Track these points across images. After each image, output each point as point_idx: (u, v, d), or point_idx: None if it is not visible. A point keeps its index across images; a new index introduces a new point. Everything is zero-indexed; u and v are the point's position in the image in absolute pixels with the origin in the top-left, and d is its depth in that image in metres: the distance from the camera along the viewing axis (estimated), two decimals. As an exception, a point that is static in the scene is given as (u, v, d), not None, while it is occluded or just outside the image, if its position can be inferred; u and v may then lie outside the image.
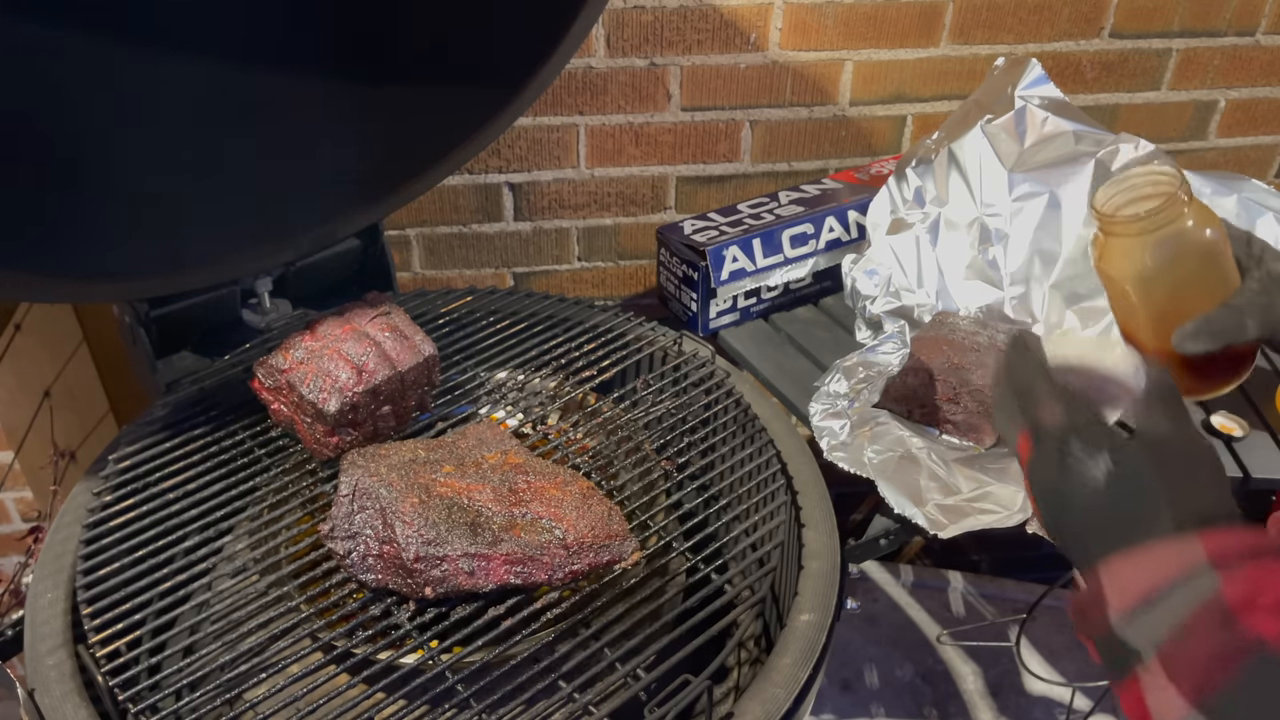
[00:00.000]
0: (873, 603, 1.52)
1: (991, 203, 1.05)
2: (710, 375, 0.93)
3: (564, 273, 1.37)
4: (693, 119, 1.26)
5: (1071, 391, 0.58)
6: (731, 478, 0.82)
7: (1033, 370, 0.59)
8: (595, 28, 1.18)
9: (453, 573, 0.68)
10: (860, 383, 0.89)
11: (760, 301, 1.11)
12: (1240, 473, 0.91)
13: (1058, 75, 1.22)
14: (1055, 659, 1.44)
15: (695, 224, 1.09)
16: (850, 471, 0.83)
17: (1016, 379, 0.60)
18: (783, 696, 0.68)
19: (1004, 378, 0.61)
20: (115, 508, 0.77)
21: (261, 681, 0.65)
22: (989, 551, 1.75)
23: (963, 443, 0.93)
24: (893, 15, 1.23)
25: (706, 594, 0.72)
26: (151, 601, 0.71)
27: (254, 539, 0.76)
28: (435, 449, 0.77)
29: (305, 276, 0.99)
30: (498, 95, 0.93)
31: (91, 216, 0.79)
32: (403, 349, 0.82)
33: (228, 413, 0.86)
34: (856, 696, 1.40)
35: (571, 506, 0.72)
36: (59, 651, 0.70)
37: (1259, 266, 0.70)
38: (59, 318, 1.19)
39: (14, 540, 1.64)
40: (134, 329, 0.91)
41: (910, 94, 1.30)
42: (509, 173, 1.27)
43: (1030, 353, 0.61)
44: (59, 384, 1.28)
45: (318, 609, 0.71)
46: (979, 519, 0.79)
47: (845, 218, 1.11)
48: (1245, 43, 1.33)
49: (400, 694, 0.66)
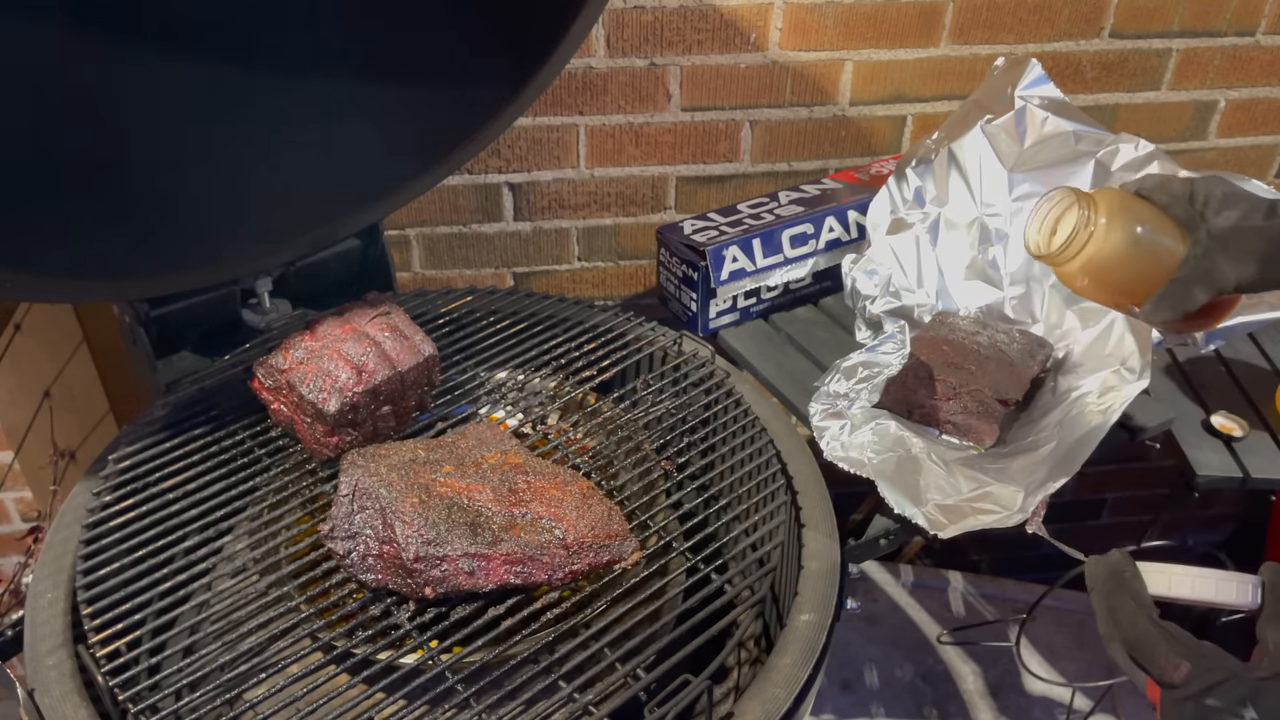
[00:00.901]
0: (873, 603, 1.52)
1: (991, 203, 1.05)
2: (710, 375, 0.93)
3: (564, 273, 1.37)
4: (693, 119, 1.26)
5: (1195, 648, 0.55)
6: (731, 478, 0.82)
7: (1143, 623, 0.57)
8: (595, 28, 1.18)
9: (453, 573, 0.68)
10: (860, 383, 0.89)
11: (760, 301, 1.11)
12: (1240, 473, 0.91)
13: (1058, 75, 1.22)
14: (1055, 659, 1.44)
15: (695, 224, 1.09)
16: (850, 471, 0.83)
17: (1126, 631, 0.57)
18: (783, 696, 0.68)
19: (1110, 624, 0.58)
20: (115, 508, 0.77)
21: (261, 681, 0.65)
22: (989, 551, 1.75)
23: (963, 443, 0.93)
24: (893, 15, 1.23)
25: (706, 594, 0.72)
26: (151, 601, 0.71)
27: (254, 539, 0.76)
28: (435, 449, 0.77)
29: (305, 276, 0.99)
30: (498, 95, 0.93)
31: (92, 217, 0.79)
32: (403, 349, 0.82)
33: (228, 413, 0.86)
34: (856, 696, 1.40)
35: (571, 506, 0.72)
36: (59, 651, 0.70)
37: (1203, 223, 0.70)
38: (59, 318, 1.19)
39: (14, 540, 1.64)
40: (134, 329, 0.91)
41: (910, 94, 1.30)
42: (509, 173, 1.27)
43: (1131, 595, 0.58)
44: (59, 384, 1.28)
45: (318, 609, 0.71)
46: (979, 519, 0.79)
47: (845, 218, 1.11)
48: (1245, 43, 1.33)
49: (400, 694, 0.66)
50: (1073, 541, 0.82)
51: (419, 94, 0.92)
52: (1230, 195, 0.71)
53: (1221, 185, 0.72)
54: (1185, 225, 0.71)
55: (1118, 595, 0.59)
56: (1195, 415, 0.98)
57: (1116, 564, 0.61)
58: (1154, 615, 0.58)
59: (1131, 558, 0.63)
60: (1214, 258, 0.69)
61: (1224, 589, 0.63)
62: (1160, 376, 1.04)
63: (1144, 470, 1.74)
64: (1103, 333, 0.94)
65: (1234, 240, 0.69)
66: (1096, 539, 1.84)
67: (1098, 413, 0.85)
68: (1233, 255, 0.69)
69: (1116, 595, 0.59)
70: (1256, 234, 0.69)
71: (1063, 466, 0.81)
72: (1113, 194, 0.75)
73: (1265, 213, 0.69)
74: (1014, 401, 0.92)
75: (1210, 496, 1.77)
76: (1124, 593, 0.59)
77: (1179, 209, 0.72)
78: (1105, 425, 0.83)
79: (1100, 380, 0.89)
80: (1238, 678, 0.54)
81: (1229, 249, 0.69)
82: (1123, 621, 0.58)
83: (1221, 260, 0.69)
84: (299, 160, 0.89)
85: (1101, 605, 0.60)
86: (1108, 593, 0.59)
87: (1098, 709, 1.33)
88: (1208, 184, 0.72)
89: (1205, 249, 0.70)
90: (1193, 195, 0.72)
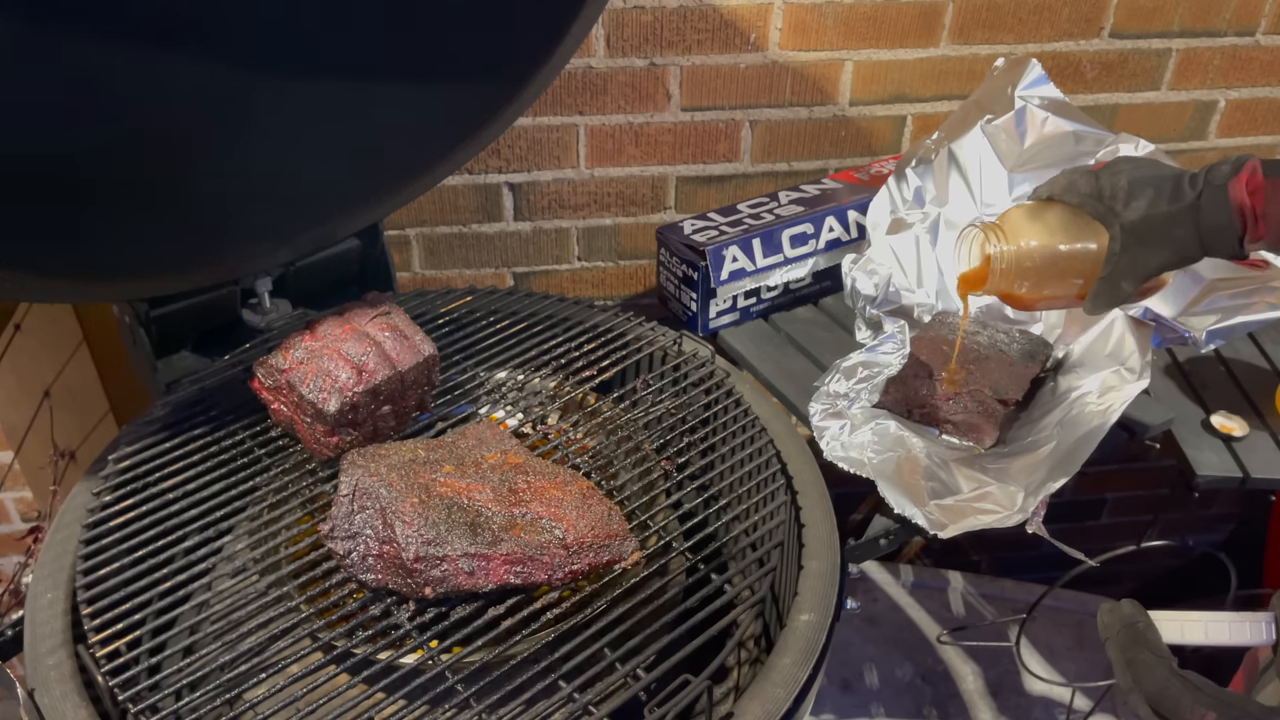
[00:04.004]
0: (873, 603, 1.51)
1: (992, 203, 1.05)
2: (710, 375, 0.93)
3: (564, 273, 1.37)
4: (692, 119, 1.26)
5: (1218, 696, 0.55)
6: (731, 478, 0.82)
7: (1164, 676, 0.56)
8: (595, 28, 1.18)
9: (453, 572, 0.68)
10: (860, 383, 0.89)
11: (760, 301, 1.11)
12: (1240, 473, 0.91)
13: (1058, 75, 1.22)
14: (1055, 659, 1.44)
15: (695, 224, 1.09)
16: (850, 471, 0.83)
17: (1148, 685, 0.57)
18: (783, 696, 0.68)
19: (1128, 677, 0.58)
20: (115, 508, 0.77)
21: (261, 681, 0.65)
22: (989, 551, 1.75)
23: (963, 443, 0.93)
24: (893, 15, 1.23)
25: (706, 594, 0.72)
26: (151, 601, 0.71)
27: (254, 539, 0.76)
28: (435, 449, 0.77)
29: (305, 276, 0.99)
30: (498, 95, 0.93)
31: (91, 217, 0.79)
32: (403, 349, 0.82)
33: (228, 413, 0.86)
34: (856, 696, 1.40)
35: (571, 506, 0.72)
36: (59, 651, 0.70)
37: (1116, 219, 0.73)
38: (59, 318, 1.19)
39: (14, 540, 1.64)
40: (134, 329, 0.91)
41: (910, 94, 1.30)
42: (509, 173, 1.27)
43: (1150, 649, 0.58)
44: (59, 384, 1.28)
45: (318, 609, 0.71)
46: (979, 519, 0.79)
47: (845, 218, 1.11)
48: (1245, 43, 1.33)
49: (400, 694, 0.66)
50: (1073, 541, 0.82)
51: (419, 94, 0.92)
52: (1136, 182, 0.73)
53: (1126, 173, 0.74)
54: (1101, 221, 0.75)
55: (1134, 648, 0.59)
56: (1195, 415, 0.98)
57: (1129, 615, 0.61)
58: (1174, 666, 0.58)
59: (1143, 608, 0.62)
60: (1132, 250, 0.72)
61: (1238, 631, 0.63)
62: (1160, 376, 1.04)
63: (1144, 470, 1.74)
64: (1103, 333, 0.94)
65: (1146, 230, 0.72)
66: (1096, 539, 1.84)
67: (1098, 413, 0.85)
68: (1149, 244, 0.72)
69: (1133, 649, 0.59)
70: (1166, 220, 0.71)
71: (1063, 467, 0.81)
72: (1017, 213, 0.81)
73: (1170, 196, 0.71)
74: (1014, 401, 0.93)
75: (1210, 496, 1.77)
76: (1140, 646, 0.59)
77: (1090, 206, 0.75)
78: (1105, 426, 0.83)
79: (1100, 380, 0.89)
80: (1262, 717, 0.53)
81: (1144, 239, 0.72)
82: (1143, 676, 0.57)
83: (1139, 252, 0.72)
84: (299, 160, 0.89)
85: (1119, 659, 0.59)
86: (1123, 646, 0.59)
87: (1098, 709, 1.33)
88: (1113, 175, 0.74)
89: (1122, 244, 0.73)
90: (1100, 193, 0.74)
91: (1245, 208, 0.68)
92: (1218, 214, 0.69)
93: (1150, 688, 0.57)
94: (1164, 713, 0.56)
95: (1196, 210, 0.69)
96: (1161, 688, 0.56)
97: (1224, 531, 1.82)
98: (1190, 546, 1.36)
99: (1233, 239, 0.70)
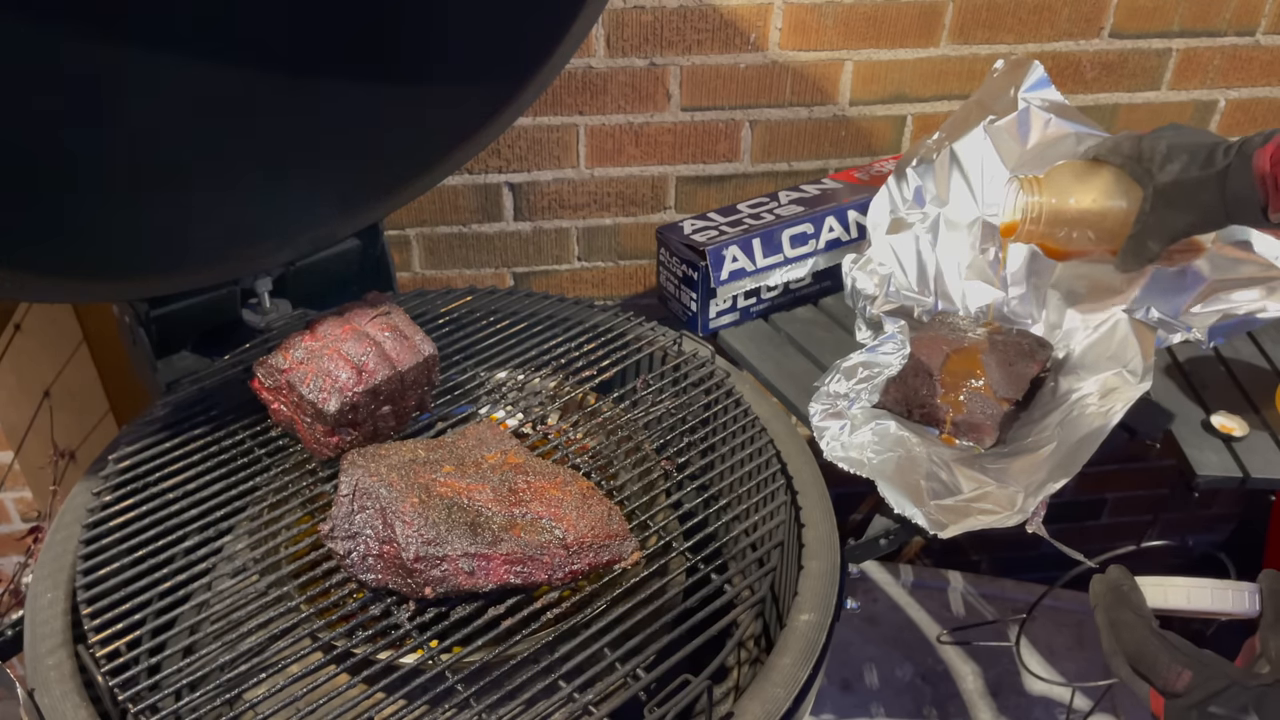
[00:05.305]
0: (873, 603, 1.52)
1: (993, 202, 1.05)
2: (710, 375, 0.93)
3: (564, 273, 1.37)
4: (692, 119, 1.26)
5: (1196, 656, 0.56)
6: (731, 478, 0.82)
7: (1143, 634, 0.57)
8: (595, 28, 1.18)
9: (453, 572, 0.68)
10: (860, 383, 0.89)
11: (760, 301, 1.11)
12: (1240, 473, 0.91)
13: (1058, 75, 1.22)
14: (1055, 659, 1.44)
15: (695, 224, 1.09)
16: (850, 471, 0.83)
17: (1128, 643, 0.57)
18: (783, 696, 0.68)
19: (1111, 638, 0.59)
20: (115, 508, 0.77)
21: (261, 681, 0.65)
22: (989, 551, 1.75)
23: (963, 443, 0.93)
24: (893, 15, 1.23)
25: (706, 594, 0.72)
26: (151, 601, 0.71)
27: (254, 539, 0.76)
28: (435, 449, 0.77)
29: (305, 276, 0.99)
30: (498, 95, 0.93)
31: (91, 216, 0.79)
32: (403, 349, 0.82)
33: (228, 413, 0.86)
34: (856, 696, 1.40)
35: (571, 506, 0.72)
36: (59, 651, 0.70)
37: (1151, 180, 0.76)
38: (59, 318, 1.19)
39: (14, 540, 1.64)
40: (134, 329, 0.91)
41: (910, 94, 1.30)
42: (509, 173, 1.27)
43: (1132, 609, 0.58)
44: (59, 384, 1.28)
45: (318, 609, 0.71)
46: (979, 519, 0.79)
47: (845, 218, 1.11)
48: (1245, 43, 1.33)
49: (400, 694, 0.66)
50: (1073, 541, 0.82)
51: (419, 94, 0.92)
52: (1174, 147, 0.77)
53: (1168, 138, 0.78)
54: (1139, 181, 0.78)
55: (1117, 609, 0.59)
56: (1195, 415, 0.98)
57: (1115, 579, 0.62)
58: (1153, 625, 0.58)
59: (1129, 572, 0.63)
60: (1160, 211, 0.76)
61: (1220, 598, 0.63)
62: (1160, 376, 1.04)
63: (1144, 470, 1.74)
64: (1104, 334, 0.94)
65: (1175, 193, 0.75)
66: (1096, 539, 1.84)
67: (1099, 414, 0.85)
68: (1177, 206, 0.75)
69: (1116, 609, 0.59)
70: (1195, 184, 0.74)
71: (1063, 468, 0.81)
72: (1060, 169, 0.86)
73: (1202, 162, 0.74)
74: (1014, 401, 0.93)
75: (1210, 496, 1.78)
76: (1123, 606, 0.59)
77: (1130, 168, 0.79)
78: (1106, 428, 0.83)
79: (1101, 382, 0.89)
80: (1240, 685, 0.54)
81: (1173, 202, 0.75)
82: (1123, 634, 0.58)
83: (1168, 213, 0.75)
84: (299, 160, 0.89)
85: (1103, 620, 0.60)
86: (1108, 607, 0.60)
87: (1098, 709, 1.33)
88: (1155, 139, 0.78)
89: (1152, 205, 0.76)
90: (1140, 155, 0.78)
91: (1266, 177, 0.69)
92: (1242, 182, 0.71)
93: (1129, 646, 0.57)
94: (1142, 670, 0.56)
95: (1225, 177, 0.72)
96: (1140, 645, 0.57)
97: (1224, 531, 1.82)
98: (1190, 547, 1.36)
99: (1255, 208, 0.72)
